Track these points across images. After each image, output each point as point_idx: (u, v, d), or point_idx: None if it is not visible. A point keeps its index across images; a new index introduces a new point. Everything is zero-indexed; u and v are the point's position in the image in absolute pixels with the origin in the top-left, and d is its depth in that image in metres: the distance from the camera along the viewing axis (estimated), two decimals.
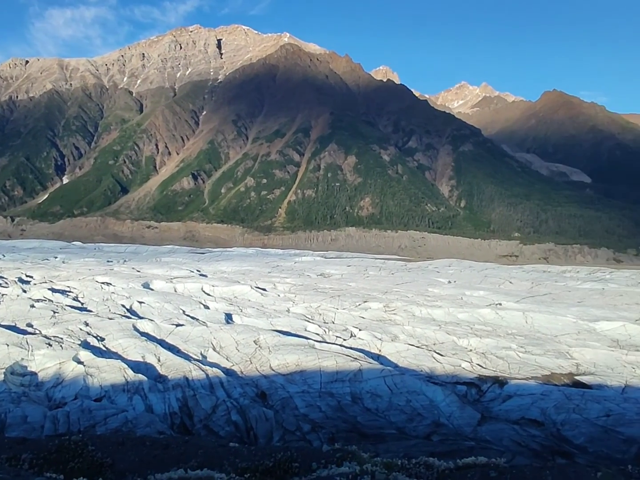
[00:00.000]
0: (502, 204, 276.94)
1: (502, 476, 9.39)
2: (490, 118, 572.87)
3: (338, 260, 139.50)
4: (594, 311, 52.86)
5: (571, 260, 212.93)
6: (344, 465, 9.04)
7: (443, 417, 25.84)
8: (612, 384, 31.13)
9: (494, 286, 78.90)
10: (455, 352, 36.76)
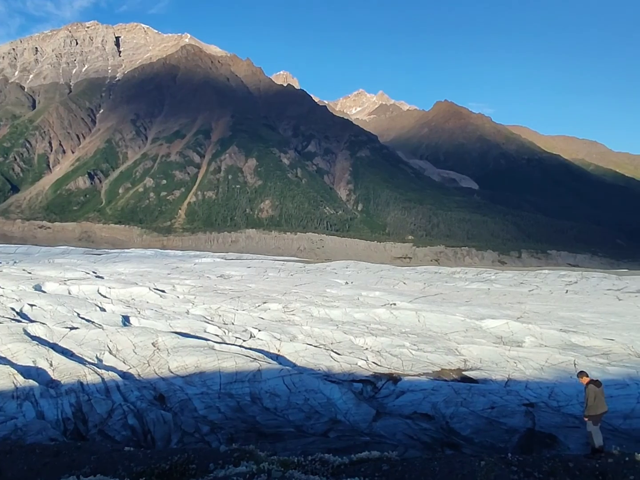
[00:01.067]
0: (397, 208, 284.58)
1: (393, 469, 9.63)
2: (386, 125, 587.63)
3: (238, 261, 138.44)
4: (480, 310, 55.13)
5: (460, 261, 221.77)
6: (241, 465, 8.95)
7: (340, 414, 26.12)
8: (496, 378, 32.58)
9: (388, 287, 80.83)
10: (352, 350, 37.29)
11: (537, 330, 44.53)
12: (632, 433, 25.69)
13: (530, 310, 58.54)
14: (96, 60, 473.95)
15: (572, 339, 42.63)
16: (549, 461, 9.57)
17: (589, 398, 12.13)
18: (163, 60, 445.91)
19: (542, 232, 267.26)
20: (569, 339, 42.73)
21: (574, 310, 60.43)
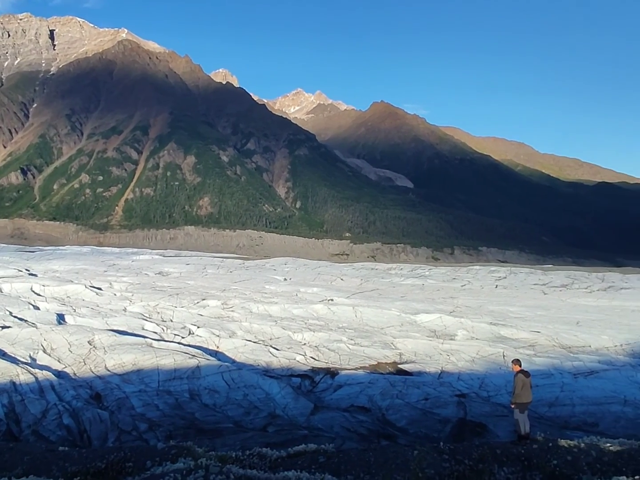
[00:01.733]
0: (334, 205, 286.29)
1: (329, 460, 9.73)
2: (324, 125, 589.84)
3: (177, 258, 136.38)
4: (415, 305, 56.10)
5: (396, 258, 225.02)
6: (178, 462, 8.85)
7: (279, 408, 26.11)
8: (430, 370, 33.22)
9: (326, 283, 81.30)
10: (291, 346, 37.33)
11: (468, 324, 45.62)
12: (556, 420, 26.66)
13: (462, 304, 59.97)
14: (29, 53, 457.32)
15: (501, 332, 43.89)
16: (478, 448, 9.85)
17: (517, 387, 12.50)
18: (99, 55, 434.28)
19: (473, 230, 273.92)
20: (498, 331, 43.97)
21: (503, 304, 62.25)
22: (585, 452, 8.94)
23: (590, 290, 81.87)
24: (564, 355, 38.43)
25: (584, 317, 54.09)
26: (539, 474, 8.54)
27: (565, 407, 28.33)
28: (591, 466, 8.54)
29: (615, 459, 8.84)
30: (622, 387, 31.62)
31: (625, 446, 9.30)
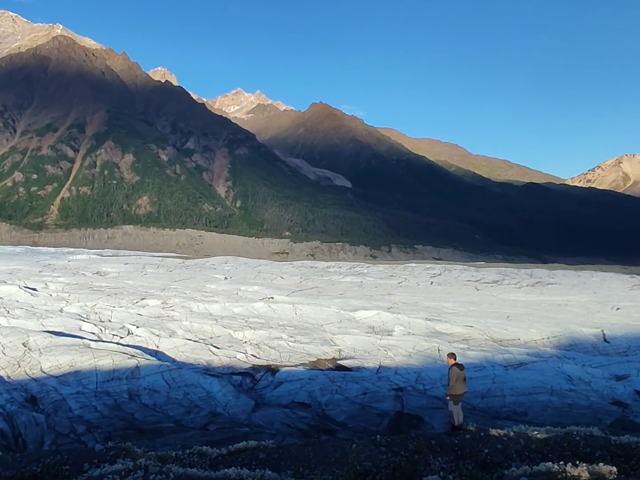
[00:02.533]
0: (274, 204, 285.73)
1: (270, 457, 9.73)
2: (263, 124, 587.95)
3: (115, 258, 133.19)
4: (353, 302, 56.60)
5: (335, 256, 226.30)
6: (117, 463, 8.66)
7: (219, 406, 25.89)
8: (368, 365, 33.59)
9: (267, 281, 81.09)
10: (231, 344, 37.07)
11: (405, 320, 46.35)
12: (488, 411, 27.42)
13: (399, 301, 60.90)
14: None
15: (436, 327, 44.77)
16: (414, 440, 10.04)
17: (452, 379, 12.79)
18: (33, 51, 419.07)
19: (409, 228, 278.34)
20: (433, 327, 44.84)
21: (438, 300, 63.56)
22: (514, 441, 9.26)
23: (520, 286, 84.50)
24: (495, 349, 39.53)
25: (514, 312, 55.80)
26: (471, 463, 8.79)
27: (496, 398, 29.16)
28: (520, 454, 8.85)
29: (542, 446, 9.19)
30: (549, 377, 32.81)
31: (552, 434, 9.67)
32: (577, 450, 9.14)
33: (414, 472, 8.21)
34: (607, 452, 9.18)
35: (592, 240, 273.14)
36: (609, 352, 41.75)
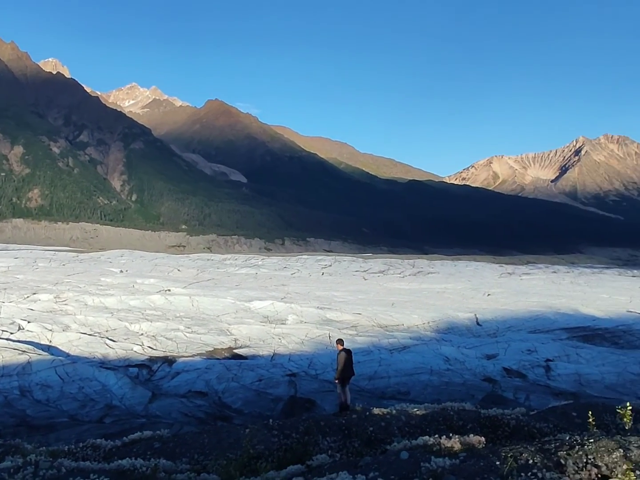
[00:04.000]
0: (170, 198, 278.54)
1: (165, 445, 9.55)
2: (159, 120, 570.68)
3: (4, 252, 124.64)
4: (249, 292, 56.44)
5: (231, 249, 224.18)
6: (5, 460, 8.16)
7: (115, 399, 25.06)
8: (263, 353, 33.70)
9: (163, 274, 79.06)
10: (128, 337, 35.91)
11: (298, 309, 46.82)
12: (374, 392, 28.32)
13: (293, 291, 61.39)
14: None
15: (327, 315, 45.58)
16: (304, 422, 10.21)
17: (340, 364, 13.11)
18: None
19: (302, 222, 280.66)
20: (324, 315, 45.62)
21: (329, 289, 64.70)
22: (396, 418, 9.65)
23: (403, 276, 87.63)
24: (381, 334, 40.84)
25: (398, 299, 57.82)
26: (357, 440, 9.08)
27: (382, 380, 30.18)
28: (401, 430, 9.25)
29: (421, 422, 9.65)
30: (429, 359, 34.38)
31: (429, 410, 10.17)
32: (451, 424, 9.68)
33: (304, 452, 8.36)
34: (477, 424, 9.78)
35: (467, 233, 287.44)
36: (481, 334, 44.29)
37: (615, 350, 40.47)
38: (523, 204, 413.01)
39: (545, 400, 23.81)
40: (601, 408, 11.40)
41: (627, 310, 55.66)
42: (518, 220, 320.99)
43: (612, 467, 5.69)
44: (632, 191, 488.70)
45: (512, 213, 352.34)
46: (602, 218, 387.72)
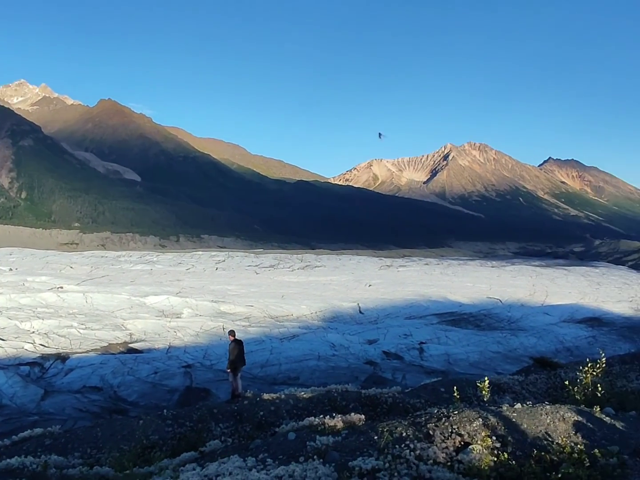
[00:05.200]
0: (62, 196, 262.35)
1: (56, 442, 9.03)
2: (50, 117, 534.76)
3: None
4: (144, 288, 54.53)
5: (125, 246, 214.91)
6: None
7: (6, 398, 23.37)
8: (159, 346, 32.77)
9: (55, 271, 74.36)
10: (18, 335, 33.52)
11: (193, 303, 45.93)
12: (267, 379, 28.45)
13: (187, 286, 60.04)
14: None
15: (221, 308, 45.07)
16: (197, 411, 10.05)
17: (232, 353, 13.01)
18: None
19: (196, 220, 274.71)
20: (218, 308, 45.07)
21: (223, 284, 63.91)
22: (285, 402, 9.74)
23: (293, 269, 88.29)
24: (273, 324, 41.04)
25: (288, 292, 58.25)
26: (249, 425, 9.07)
27: (274, 367, 30.36)
28: (290, 412, 9.35)
29: (308, 404, 9.81)
30: (316, 346, 35.01)
31: (315, 393, 10.36)
32: (336, 404, 9.92)
33: (198, 439, 8.25)
34: (359, 404, 10.10)
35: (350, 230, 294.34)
36: (363, 322, 45.64)
37: (477, 332, 43.26)
38: (399, 203, 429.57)
39: (419, 378, 25.00)
40: (465, 383, 12.16)
41: (487, 297, 59.59)
42: (395, 218, 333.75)
43: (472, 435, 6.09)
44: (491, 192, 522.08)
45: (390, 211, 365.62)
46: (466, 216, 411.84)
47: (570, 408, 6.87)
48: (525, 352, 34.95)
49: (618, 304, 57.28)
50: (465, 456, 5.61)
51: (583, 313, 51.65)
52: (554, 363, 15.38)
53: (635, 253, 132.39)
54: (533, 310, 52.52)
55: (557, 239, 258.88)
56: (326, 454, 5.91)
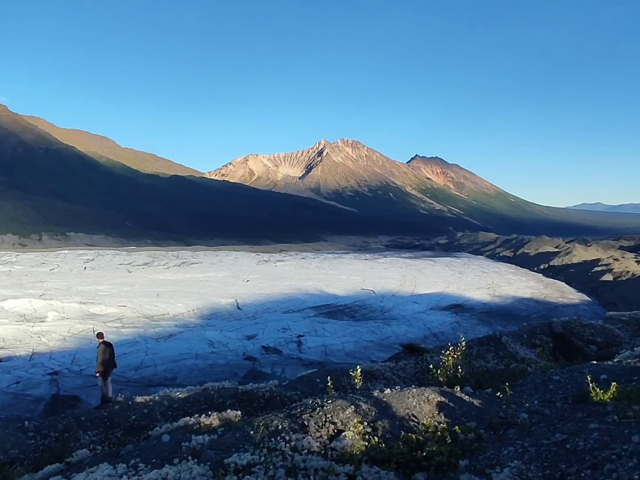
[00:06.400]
0: None
1: None
2: None
3: None
4: (1, 291, 50.24)
5: None
6: None
7: None
8: (21, 354, 30.42)
9: None
10: None
11: (59, 305, 43.09)
12: (142, 381, 27.45)
13: (52, 287, 56.17)
14: None
15: (90, 310, 42.72)
16: (63, 420, 9.44)
17: (99, 356, 12.38)
18: None
19: (61, 216, 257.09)
20: (88, 309, 42.70)
21: (92, 284, 60.51)
22: (159, 404, 9.43)
23: (168, 267, 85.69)
24: (147, 324, 39.66)
25: (164, 290, 56.51)
26: (120, 430, 8.69)
27: (149, 368, 29.39)
28: (164, 414, 9.09)
29: (184, 404, 9.60)
30: (194, 344, 34.40)
31: (191, 392, 10.15)
32: (212, 402, 9.80)
33: (64, 450, 7.76)
34: (236, 400, 10.06)
35: (227, 226, 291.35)
36: (241, 317, 45.47)
37: (353, 322, 44.81)
38: (276, 198, 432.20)
39: (297, 371, 25.43)
40: (339, 373, 12.55)
41: (362, 288, 61.86)
42: (272, 213, 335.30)
43: (345, 422, 6.31)
44: (363, 188, 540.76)
45: (266, 207, 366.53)
46: (340, 211, 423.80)
47: (434, 390, 7.35)
48: (397, 340, 36.72)
49: (477, 291, 62.02)
50: (338, 443, 5.81)
51: (448, 301, 55.32)
52: (421, 348, 16.33)
53: (491, 244, 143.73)
54: (403, 300, 55.35)
55: (424, 232, 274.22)
56: (201, 453, 5.84)
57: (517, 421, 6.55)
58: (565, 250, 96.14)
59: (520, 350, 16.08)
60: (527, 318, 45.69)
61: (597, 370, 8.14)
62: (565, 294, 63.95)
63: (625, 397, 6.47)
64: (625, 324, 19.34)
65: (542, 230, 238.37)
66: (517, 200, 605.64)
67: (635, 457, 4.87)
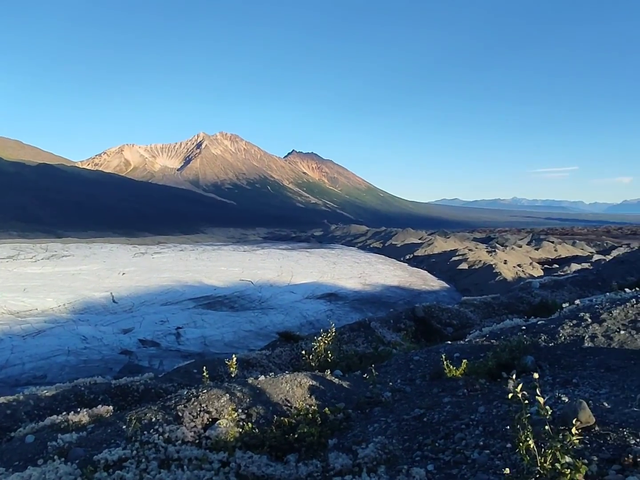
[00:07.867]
0: None
1: None
2: None
3: None
4: None
5: None
6: None
7: None
8: None
9: None
10: None
11: None
12: (7, 381, 25.38)
13: None
14: None
15: None
16: None
17: None
18: None
19: None
20: None
21: None
22: (24, 403, 8.75)
23: (36, 260, 79.48)
24: (13, 321, 36.74)
25: (31, 284, 52.44)
26: None
27: (16, 367, 27.34)
28: (30, 414, 8.46)
29: (52, 403, 9.00)
30: (66, 340, 32.38)
31: (60, 389, 9.54)
32: (83, 399, 9.29)
33: None
34: (109, 395, 9.61)
35: (101, 217, 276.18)
36: (117, 311, 43.42)
37: (232, 313, 44.50)
38: (153, 189, 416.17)
39: (176, 363, 24.79)
40: (217, 362, 12.43)
41: (240, 279, 61.55)
42: (149, 205, 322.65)
43: (220, 411, 6.29)
44: (242, 181, 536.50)
45: (143, 198, 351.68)
46: (220, 203, 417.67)
47: (306, 374, 7.53)
48: (275, 329, 36.98)
49: (350, 280, 64.15)
50: (212, 432, 5.78)
51: (322, 290, 56.66)
52: (297, 336, 16.62)
53: (362, 236, 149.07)
54: (281, 290, 55.87)
55: (300, 224, 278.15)
56: (69, 452, 5.54)
57: (382, 399, 6.90)
58: (428, 242, 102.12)
59: (387, 334, 16.94)
60: (395, 304, 47.99)
61: (452, 349, 8.79)
62: (427, 281, 67.97)
63: (473, 372, 7.06)
64: (477, 307, 21.07)
65: (407, 223, 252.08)
66: (386, 195, 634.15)
67: (481, 426, 5.36)
